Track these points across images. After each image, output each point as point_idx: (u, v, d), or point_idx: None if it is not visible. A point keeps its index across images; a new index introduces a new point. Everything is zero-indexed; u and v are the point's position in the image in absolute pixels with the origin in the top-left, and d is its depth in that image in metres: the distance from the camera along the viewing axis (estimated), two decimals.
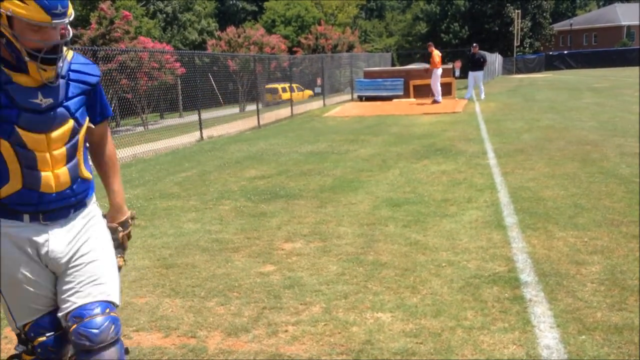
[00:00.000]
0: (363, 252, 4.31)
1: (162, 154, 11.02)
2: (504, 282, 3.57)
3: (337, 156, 9.03)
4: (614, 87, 22.99)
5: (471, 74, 19.40)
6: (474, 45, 20.45)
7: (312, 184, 6.93)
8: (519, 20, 47.47)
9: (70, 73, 1.94)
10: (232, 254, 4.43)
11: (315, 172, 7.70)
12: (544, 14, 56.59)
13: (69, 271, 1.96)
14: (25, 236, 1.91)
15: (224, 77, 20.52)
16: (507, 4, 52.34)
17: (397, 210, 5.44)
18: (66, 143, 1.92)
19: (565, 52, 57.44)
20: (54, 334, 2.00)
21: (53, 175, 1.90)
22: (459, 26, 53.73)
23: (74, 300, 1.95)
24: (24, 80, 1.83)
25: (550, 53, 56.27)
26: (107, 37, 20.06)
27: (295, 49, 35.61)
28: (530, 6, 54.22)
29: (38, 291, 1.96)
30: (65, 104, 1.91)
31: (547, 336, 2.86)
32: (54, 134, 1.88)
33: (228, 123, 15.64)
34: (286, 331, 3.08)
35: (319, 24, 37.89)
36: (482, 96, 19.26)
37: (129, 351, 2.18)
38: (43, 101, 1.85)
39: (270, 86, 23.11)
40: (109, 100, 10.55)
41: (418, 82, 19.86)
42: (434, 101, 17.85)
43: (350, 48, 35.29)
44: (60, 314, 1.96)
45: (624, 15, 61.99)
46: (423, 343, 2.85)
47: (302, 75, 25.00)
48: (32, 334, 2.00)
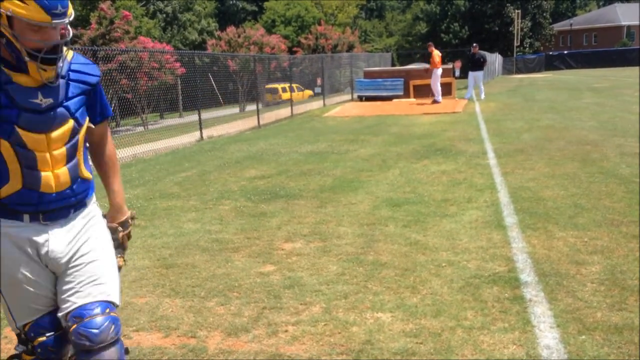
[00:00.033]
0: (363, 252, 4.31)
1: (162, 154, 11.02)
2: (504, 282, 3.57)
3: (337, 156, 9.03)
4: (614, 87, 22.99)
5: (471, 74, 19.42)
6: (474, 45, 20.45)
7: (312, 184, 6.93)
8: (519, 20, 47.47)
9: (70, 73, 1.94)
10: (232, 254, 4.43)
11: (315, 172, 7.71)
12: (544, 14, 56.60)
13: (69, 271, 1.96)
14: (25, 236, 1.90)
15: (224, 77, 20.52)
16: (507, 4, 52.34)
17: (397, 210, 5.44)
18: (66, 143, 1.91)
19: (565, 52, 57.45)
20: (54, 334, 2.00)
21: (53, 175, 1.89)
22: (459, 26, 53.73)
23: (73, 300, 1.94)
24: (24, 80, 1.82)
25: (550, 53, 56.28)
26: (107, 37, 20.06)
27: (295, 49, 35.61)
28: (530, 6, 54.22)
29: (38, 291, 1.96)
30: (66, 104, 1.91)
31: (547, 336, 2.86)
32: (54, 134, 1.87)
33: (228, 123, 15.64)
34: (286, 331, 3.08)
35: (319, 24, 37.90)
36: (482, 96, 19.27)
37: (129, 351, 2.18)
38: (43, 101, 1.85)
39: (271, 86, 23.12)
40: (109, 100, 10.54)
41: (418, 82, 19.87)
42: (434, 101, 17.86)
43: (350, 48, 35.30)
44: (60, 313, 1.96)
45: (624, 15, 62.01)
46: (423, 343, 2.86)
47: (302, 75, 25.00)
48: (32, 334, 2.00)
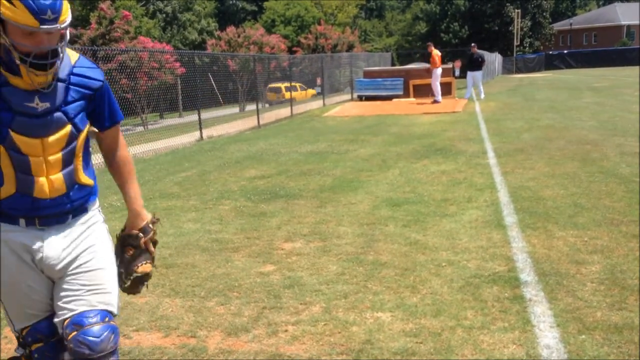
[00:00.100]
0: (363, 251, 4.31)
1: (162, 153, 11.02)
2: (504, 281, 3.57)
3: (337, 156, 9.03)
4: (614, 86, 23.00)
5: (470, 73, 19.45)
6: (472, 45, 20.48)
7: (312, 184, 6.93)
8: (519, 20, 47.50)
9: (71, 77, 1.87)
10: (232, 254, 4.43)
11: (315, 172, 7.70)
12: (544, 14, 56.60)
13: (67, 278, 1.92)
14: (20, 241, 1.86)
15: (224, 77, 20.52)
16: (507, 4, 52.34)
17: (397, 210, 5.44)
18: (63, 149, 1.85)
19: (565, 51, 57.46)
20: (51, 340, 1.97)
21: (47, 181, 1.84)
22: (459, 26, 53.73)
23: (72, 307, 1.90)
24: (20, 83, 1.76)
25: (550, 52, 56.30)
26: (107, 37, 20.04)
27: (295, 48, 35.57)
28: (530, 6, 54.22)
29: (34, 297, 1.93)
30: (64, 108, 1.84)
31: (547, 336, 2.86)
32: (49, 139, 1.82)
33: (228, 123, 15.64)
34: (286, 331, 3.08)
35: (319, 24, 37.86)
36: (482, 96, 19.27)
37: None
38: (39, 105, 1.79)
39: (274, 85, 23.13)
40: None
41: (418, 81, 19.88)
42: (434, 101, 17.87)
43: (350, 48, 35.27)
44: (57, 319, 1.93)
45: (624, 15, 62.03)
46: (423, 343, 2.86)
47: (302, 75, 24.98)
48: (30, 338, 1.97)
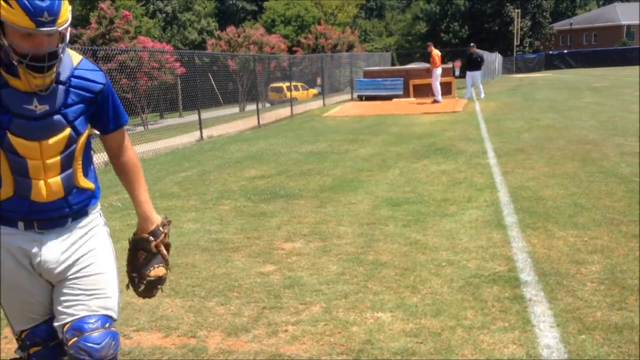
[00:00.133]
0: (363, 251, 4.31)
1: (162, 153, 11.01)
2: (504, 281, 3.57)
3: (337, 156, 9.03)
4: (614, 86, 23.00)
5: (469, 73, 19.46)
6: (471, 45, 20.48)
7: (312, 184, 6.93)
8: (519, 20, 47.51)
9: (72, 79, 1.83)
10: (232, 254, 4.43)
11: (315, 172, 7.71)
12: (544, 14, 56.61)
13: (67, 282, 1.90)
14: (18, 245, 1.85)
15: (224, 77, 20.51)
16: (507, 4, 52.35)
17: (397, 210, 5.44)
18: (61, 152, 1.83)
19: (565, 51, 57.47)
20: (50, 343, 1.96)
21: (45, 185, 1.81)
22: (459, 26, 53.73)
23: (72, 312, 1.89)
24: (19, 84, 1.74)
25: (550, 52, 56.30)
26: (107, 36, 20.05)
27: (295, 48, 35.57)
28: (530, 5, 54.22)
29: (32, 300, 1.91)
30: (63, 111, 1.81)
31: (547, 335, 2.86)
32: (48, 142, 1.79)
33: (228, 123, 15.64)
34: (286, 331, 3.08)
35: (319, 24, 37.86)
36: (482, 96, 19.27)
37: None
38: (38, 107, 1.76)
39: (275, 85, 23.13)
40: None
41: (418, 81, 19.87)
42: (434, 101, 17.87)
43: (350, 48, 35.27)
44: (57, 324, 1.91)
45: (624, 15, 62.04)
46: (423, 343, 2.86)
47: (302, 74, 24.99)
48: (28, 342, 1.96)
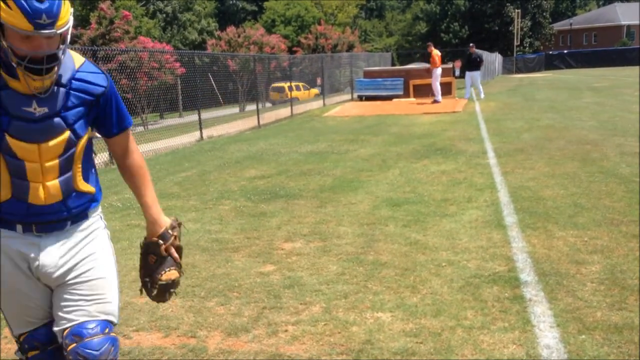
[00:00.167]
0: (363, 251, 4.31)
1: (162, 153, 11.02)
2: (504, 281, 3.57)
3: (337, 156, 9.03)
4: (614, 86, 23.00)
5: (468, 73, 19.46)
6: (471, 45, 20.49)
7: (312, 184, 6.93)
8: (519, 20, 47.52)
9: (73, 82, 1.81)
10: (232, 254, 4.43)
11: (315, 172, 7.70)
12: (544, 14, 56.62)
13: (67, 287, 1.88)
14: (16, 249, 1.83)
15: (224, 77, 20.51)
16: (507, 4, 52.35)
17: (397, 210, 5.44)
18: (60, 155, 1.80)
19: (565, 51, 57.48)
20: (48, 347, 1.94)
21: (43, 188, 1.79)
22: (459, 26, 53.75)
23: (72, 318, 1.86)
24: (19, 86, 1.72)
25: (550, 52, 56.31)
26: (107, 37, 20.04)
27: (295, 48, 35.57)
28: (530, 6, 54.24)
29: (30, 304, 1.89)
30: (63, 114, 1.79)
31: (547, 336, 2.86)
32: (46, 145, 1.77)
33: (228, 123, 15.64)
34: (286, 331, 3.08)
35: (319, 24, 37.86)
36: (482, 96, 19.26)
37: None
38: (37, 110, 1.74)
39: (277, 85, 23.12)
40: None
41: (418, 81, 19.87)
42: (434, 101, 17.87)
43: (350, 48, 35.27)
44: (57, 329, 1.89)
45: (624, 15, 62.05)
46: (423, 343, 2.86)
47: (302, 75, 24.99)
48: (27, 345, 1.94)
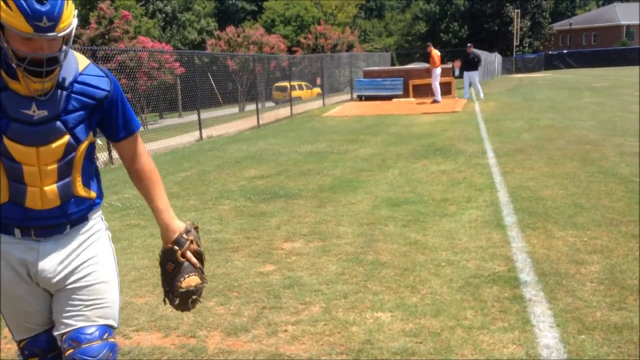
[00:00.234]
0: (363, 251, 4.31)
1: (162, 153, 11.01)
2: (504, 281, 3.58)
3: (337, 156, 9.03)
4: (614, 86, 23.01)
5: (466, 74, 19.47)
6: (468, 45, 20.52)
7: (311, 184, 6.93)
8: (519, 20, 47.56)
9: (75, 85, 1.76)
10: (231, 254, 4.43)
11: (314, 172, 7.70)
12: (544, 14, 56.65)
13: (67, 292, 1.84)
14: (15, 254, 1.79)
15: (224, 77, 20.52)
16: (507, 4, 52.37)
17: (396, 210, 5.44)
18: (59, 159, 1.76)
19: (565, 51, 57.50)
20: (48, 355, 1.92)
21: (40, 192, 1.75)
22: (459, 26, 53.77)
23: (70, 322, 1.83)
24: (19, 88, 1.68)
25: (550, 52, 56.33)
26: (107, 36, 20.04)
27: (294, 48, 35.56)
28: (529, 6, 54.26)
29: (30, 310, 1.86)
30: (64, 117, 1.74)
31: (547, 336, 2.86)
32: (45, 149, 1.73)
33: (227, 123, 15.65)
34: (286, 331, 3.08)
35: (319, 24, 37.86)
36: (481, 95, 19.26)
37: None
38: (36, 112, 1.70)
39: (280, 84, 23.11)
40: None
41: (417, 81, 19.88)
42: (434, 101, 17.87)
43: (350, 48, 35.27)
44: (56, 333, 1.86)
45: (624, 15, 62.09)
46: (423, 343, 2.86)
47: (302, 74, 24.99)
48: (27, 352, 1.92)
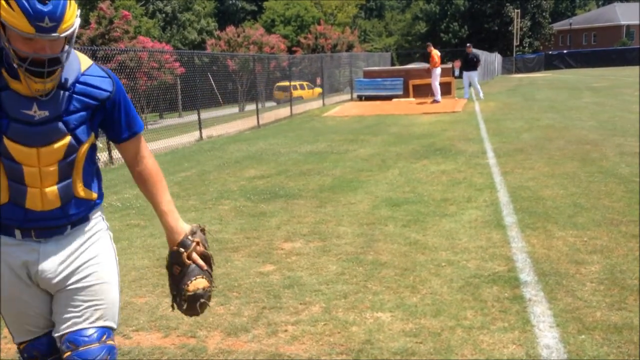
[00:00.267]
0: (363, 251, 4.31)
1: (162, 153, 11.01)
2: (504, 281, 3.58)
3: (337, 156, 9.03)
4: (614, 86, 23.01)
5: (465, 74, 19.47)
6: (468, 45, 20.52)
7: (311, 184, 6.93)
8: (519, 20, 47.56)
9: (77, 85, 1.74)
10: (231, 254, 4.43)
11: (314, 172, 7.70)
12: (544, 14, 56.65)
13: (67, 292, 1.83)
14: (15, 256, 1.78)
15: (224, 77, 20.51)
16: (507, 4, 52.37)
17: (396, 210, 5.44)
18: (60, 160, 1.74)
19: (565, 51, 57.50)
20: (48, 359, 1.90)
21: (40, 193, 1.73)
22: (459, 26, 53.78)
23: (69, 324, 1.82)
24: (20, 88, 1.67)
25: (550, 52, 56.33)
26: (107, 36, 20.02)
27: (294, 48, 35.54)
28: (529, 6, 54.27)
29: (30, 312, 1.85)
30: (65, 118, 1.73)
31: (547, 336, 2.86)
32: (46, 149, 1.71)
33: (227, 123, 15.65)
34: (286, 331, 3.08)
35: (319, 24, 37.84)
36: (481, 95, 19.26)
37: None
38: (37, 113, 1.68)
39: (282, 84, 23.10)
40: None
41: (417, 81, 19.87)
42: (434, 101, 17.87)
43: (350, 48, 35.26)
44: (56, 334, 1.85)
45: (624, 15, 62.10)
46: (423, 343, 2.86)
47: (302, 74, 24.98)
48: (26, 354, 1.91)
